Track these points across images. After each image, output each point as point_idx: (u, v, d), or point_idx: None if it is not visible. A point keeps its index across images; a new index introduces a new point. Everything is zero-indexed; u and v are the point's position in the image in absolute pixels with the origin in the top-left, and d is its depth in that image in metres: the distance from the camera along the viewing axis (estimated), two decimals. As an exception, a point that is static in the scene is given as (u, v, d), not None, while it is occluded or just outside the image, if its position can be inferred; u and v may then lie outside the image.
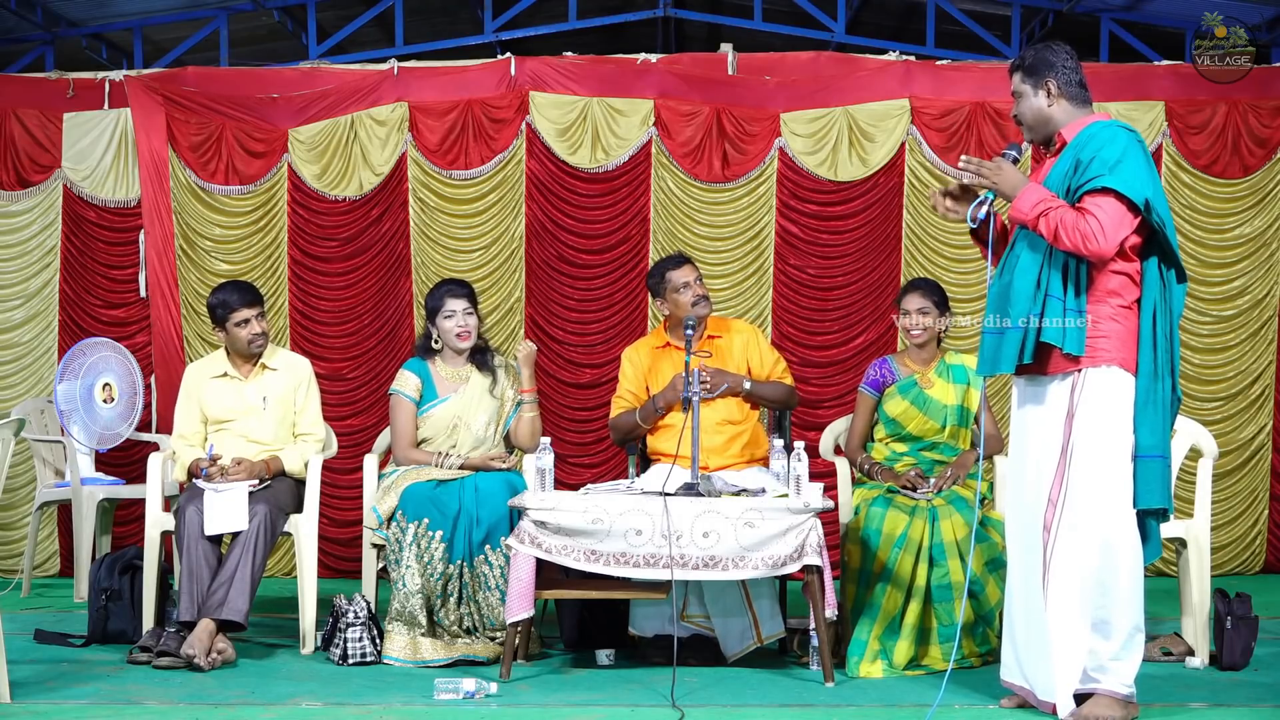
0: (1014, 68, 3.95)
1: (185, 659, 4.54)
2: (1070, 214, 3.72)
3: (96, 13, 7.77)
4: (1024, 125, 3.96)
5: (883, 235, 7.02)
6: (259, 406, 5.12)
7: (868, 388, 5.11)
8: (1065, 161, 3.83)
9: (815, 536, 4.31)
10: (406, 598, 4.68)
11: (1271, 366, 7.06)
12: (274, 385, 5.16)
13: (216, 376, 5.16)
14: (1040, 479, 3.83)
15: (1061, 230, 3.71)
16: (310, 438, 5.19)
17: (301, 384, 5.21)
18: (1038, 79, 3.89)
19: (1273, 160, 6.98)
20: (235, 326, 5.10)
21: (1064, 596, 3.75)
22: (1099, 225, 3.68)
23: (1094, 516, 3.73)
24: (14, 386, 7.07)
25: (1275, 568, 7.10)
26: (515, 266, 7.05)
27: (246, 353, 5.14)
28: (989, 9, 8.21)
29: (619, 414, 5.18)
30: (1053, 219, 3.72)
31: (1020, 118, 3.95)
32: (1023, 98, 3.92)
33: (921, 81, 6.99)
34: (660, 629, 4.80)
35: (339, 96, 7.02)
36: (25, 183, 7.14)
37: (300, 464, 5.12)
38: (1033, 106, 3.91)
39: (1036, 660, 3.83)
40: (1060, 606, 3.76)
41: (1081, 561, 3.73)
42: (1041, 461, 3.83)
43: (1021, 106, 3.94)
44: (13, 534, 7.06)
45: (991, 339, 3.88)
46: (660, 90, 7.02)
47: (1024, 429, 3.95)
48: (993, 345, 3.87)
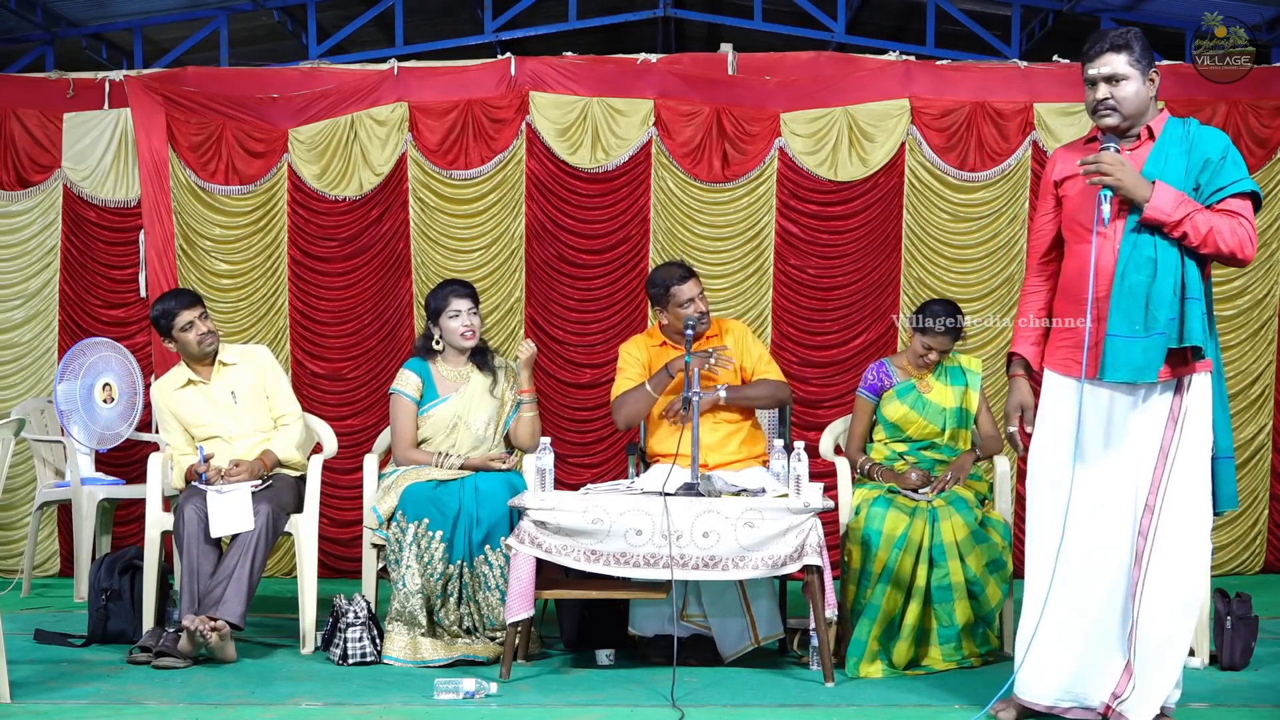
0: (1118, 47, 3.66)
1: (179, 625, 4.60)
2: (1221, 219, 3.60)
3: (96, 13, 7.77)
4: (1118, 111, 3.67)
5: (883, 235, 7.01)
6: (230, 403, 5.14)
7: (866, 392, 5.10)
8: (1179, 158, 3.66)
9: (815, 536, 4.31)
10: (406, 598, 4.68)
11: (1271, 366, 7.06)
12: (239, 379, 5.18)
13: (180, 388, 5.18)
14: (1129, 486, 3.66)
15: (1217, 235, 3.58)
16: (288, 417, 5.22)
17: (266, 370, 5.25)
18: (1147, 65, 3.68)
19: (1273, 160, 6.98)
20: (181, 332, 5.14)
21: (1167, 601, 3.63)
22: (1251, 230, 3.62)
23: (1193, 523, 3.65)
24: (14, 386, 7.07)
25: (1275, 568, 7.10)
26: (515, 266, 7.05)
27: (200, 354, 5.17)
28: (989, 9, 8.20)
29: (624, 391, 5.06)
30: (1202, 223, 3.58)
31: (1118, 103, 3.66)
32: (1129, 81, 3.65)
33: (921, 81, 6.99)
34: (660, 629, 4.80)
35: (339, 96, 7.02)
36: (25, 183, 7.14)
37: (292, 449, 5.14)
38: (1140, 93, 3.67)
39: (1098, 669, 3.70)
40: (1162, 611, 3.63)
41: (1184, 565, 3.64)
42: (1130, 468, 3.66)
43: (1126, 91, 3.66)
44: (13, 534, 7.07)
45: (1126, 345, 3.59)
46: (660, 90, 7.02)
47: (1098, 435, 3.70)
48: (1130, 351, 3.59)
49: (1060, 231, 3.86)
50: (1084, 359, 3.68)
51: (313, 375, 7.04)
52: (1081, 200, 3.74)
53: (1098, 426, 3.72)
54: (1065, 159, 3.87)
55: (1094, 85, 3.70)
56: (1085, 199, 3.72)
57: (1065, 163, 3.85)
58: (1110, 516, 3.69)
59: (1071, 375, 3.75)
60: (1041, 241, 3.93)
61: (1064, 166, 3.86)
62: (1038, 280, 3.93)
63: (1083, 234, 3.73)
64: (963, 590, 4.59)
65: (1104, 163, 3.60)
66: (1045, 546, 3.76)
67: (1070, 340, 3.77)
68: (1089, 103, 3.74)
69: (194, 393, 5.16)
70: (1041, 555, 3.77)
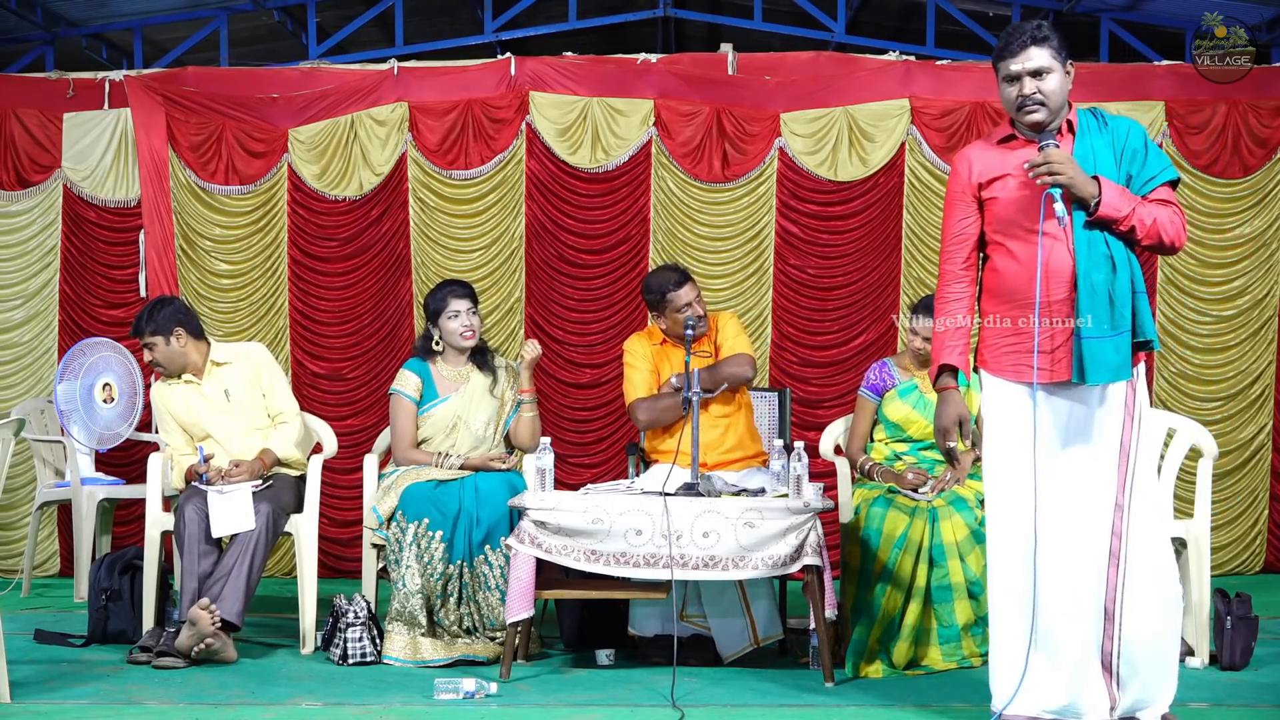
0: (1039, 40, 3.56)
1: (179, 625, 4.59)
2: (1160, 209, 3.57)
3: (96, 13, 7.77)
4: (1044, 105, 3.57)
5: (883, 235, 7.02)
6: (223, 402, 5.13)
7: (868, 391, 5.10)
8: (1105, 150, 3.59)
9: (815, 536, 4.31)
10: (406, 598, 4.68)
11: (1271, 366, 7.06)
12: (232, 377, 5.17)
13: (175, 386, 5.18)
14: (1096, 486, 3.58)
15: (1160, 227, 3.55)
16: (285, 415, 5.20)
17: (262, 368, 5.23)
18: (1065, 56, 3.59)
19: (1273, 160, 6.99)
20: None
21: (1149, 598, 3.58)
22: (1184, 218, 3.61)
23: (1158, 517, 3.63)
24: (14, 386, 7.07)
25: (1275, 568, 7.10)
26: (515, 266, 7.06)
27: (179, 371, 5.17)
28: (989, 9, 8.21)
29: (652, 396, 5.03)
30: (1146, 215, 3.53)
31: (1044, 97, 3.56)
32: (1052, 74, 3.56)
33: (921, 81, 7.00)
34: (660, 629, 4.81)
35: (339, 96, 7.03)
36: (25, 183, 7.14)
37: (291, 447, 5.14)
38: (1063, 86, 3.59)
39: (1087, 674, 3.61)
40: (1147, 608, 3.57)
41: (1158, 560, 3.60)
42: (1095, 468, 3.58)
43: (1051, 84, 3.56)
44: (13, 534, 7.07)
45: (1098, 345, 3.51)
46: (660, 90, 7.02)
47: (1062, 439, 3.60)
48: (1105, 351, 3.51)
49: (983, 234, 3.73)
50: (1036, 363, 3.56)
51: (313, 375, 7.04)
52: (1018, 201, 3.61)
53: (1061, 430, 3.61)
54: (983, 159, 3.71)
55: (1016, 80, 3.58)
56: (1022, 199, 3.60)
57: (985, 163, 3.70)
58: (1084, 521, 3.59)
59: (1026, 381, 3.61)
60: (963, 246, 3.74)
61: (985, 167, 3.69)
62: (960, 286, 3.75)
63: (1021, 235, 3.60)
64: (963, 590, 4.59)
65: (1054, 161, 3.48)
66: (1012, 558, 3.62)
67: (1019, 345, 3.62)
68: (1011, 99, 3.61)
69: (187, 391, 5.15)
70: (1009, 568, 3.63)
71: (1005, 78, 3.63)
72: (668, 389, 5.01)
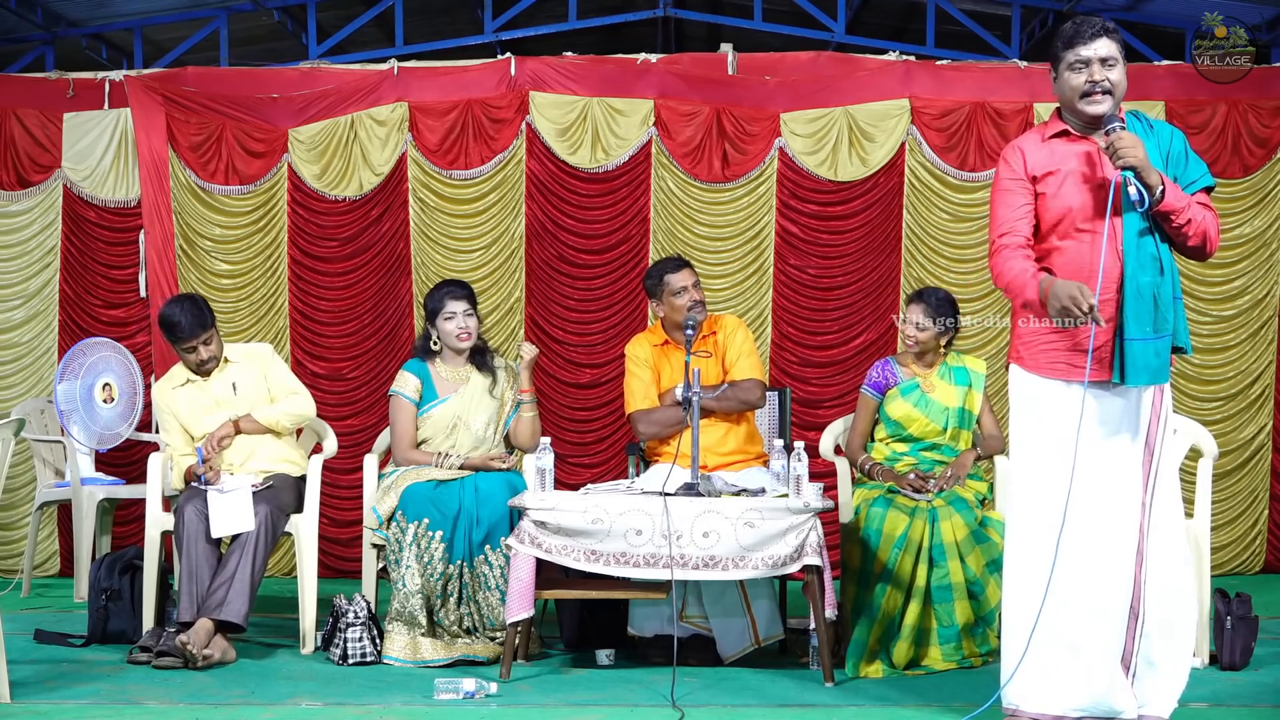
0: (1109, 31, 3.55)
1: (179, 647, 4.55)
2: (1207, 212, 3.55)
3: (96, 13, 7.77)
4: (1110, 94, 3.54)
5: (883, 235, 7.02)
6: (230, 396, 5.12)
7: (870, 389, 5.10)
8: (1153, 150, 3.56)
9: (815, 536, 4.31)
10: (406, 598, 4.68)
11: (1271, 366, 7.06)
12: (241, 374, 5.17)
13: (179, 386, 5.17)
14: (1125, 484, 3.57)
15: (1207, 226, 3.52)
16: (295, 390, 5.20)
17: (268, 365, 5.24)
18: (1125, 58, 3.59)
19: (1273, 160, 6.99)
20: (184, 352, 5.12)
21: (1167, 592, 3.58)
22: (1219, 224, 3.60)
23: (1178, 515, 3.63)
24: (14, 386, 7.07)
25: (1275, 568, 7.10)
26: (515, 267, 7.06)
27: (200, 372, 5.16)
28: (989, 9, 8.21)
29: (655, 409, 5.04)
30: (1196, 213, 3.49)
31: (1113, 86, 3.53)
32: (1118, 67, 3.54)
33: (921, 81, 7.00)
34: (660, 629, 4.81)
35: (339, 96, 7.03)
36: (25, 183, 7.14)
37: (277, 414, 5.11)
38: (1124, 82, 3.58)
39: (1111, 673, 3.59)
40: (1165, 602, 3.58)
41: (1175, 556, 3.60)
42: (1124, 467, 3.57)
43: (1117, 75, 3.54)
44: (13, 534, 7.07)
45: (1140, 347, 3.49)
46: (660, 90, 7.02)
47: (1102, 438, 3.58)
48: (1146, 354, 3.50)
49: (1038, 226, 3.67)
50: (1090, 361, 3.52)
51: (313, 375, 7.03)
52: (1069, 197, 3.58)
53: (1102, 429, 3.59)
54: (1035, 152, 3.66)
55: (1085, 67, 3.54)
56: (1083, 193, 3.57)
57: (1038, 154, 3.65)
58: (1113, 519, 3.59)
59: (1074, 380, 3.59)
60: (1024, 230, 3.62)
61: (1037, 160, 3.64)
62: (1027, 262, 3.60)
63: (1073, 233, 3.58)
64: (963, 590, 4.59)
65: (1126, 144, 3.42)
66: (1037, 555, 3.60)
67: (1064, 343, 3.60)
68: (1077, 86, 3.55)
69: (192, 390, 5.15)
70: (1033, 563, 3.60)
71: (1072, 64, 3.57)
72: (670, 400, 5.00)
